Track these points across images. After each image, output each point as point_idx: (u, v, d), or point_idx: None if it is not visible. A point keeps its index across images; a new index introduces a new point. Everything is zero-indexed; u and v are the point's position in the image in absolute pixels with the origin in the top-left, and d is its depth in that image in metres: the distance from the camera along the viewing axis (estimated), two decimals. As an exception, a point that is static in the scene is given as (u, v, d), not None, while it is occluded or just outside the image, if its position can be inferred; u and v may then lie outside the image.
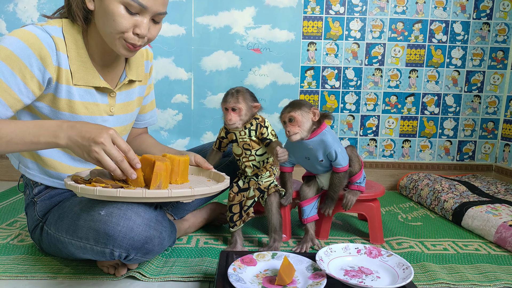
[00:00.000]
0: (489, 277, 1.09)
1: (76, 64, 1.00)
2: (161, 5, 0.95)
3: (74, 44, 1.00)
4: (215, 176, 1.13)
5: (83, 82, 1.02)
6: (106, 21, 0.94)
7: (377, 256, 0.98)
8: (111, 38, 0.96)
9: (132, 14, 0.93)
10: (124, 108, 1.15)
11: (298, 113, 1.18)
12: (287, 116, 1.18)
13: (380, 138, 2.13)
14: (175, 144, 2.09)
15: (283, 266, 0.88)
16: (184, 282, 1.03)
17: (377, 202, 1.36)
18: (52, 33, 0.96)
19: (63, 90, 1.00)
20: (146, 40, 0.99)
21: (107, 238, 0.88)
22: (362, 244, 1.02)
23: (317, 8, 2.00)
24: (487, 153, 2.16)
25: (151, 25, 0.98)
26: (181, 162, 1.02)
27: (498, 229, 1.34)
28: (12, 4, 1.93)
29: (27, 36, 0.92)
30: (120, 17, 0.92)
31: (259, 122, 1.21)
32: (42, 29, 0.96)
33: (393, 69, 2.07)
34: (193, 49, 2.01)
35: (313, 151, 1.22)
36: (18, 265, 1.08)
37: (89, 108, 1.05)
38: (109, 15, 0.92)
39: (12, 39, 0.92)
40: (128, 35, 0.95)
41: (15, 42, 0.91)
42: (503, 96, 2.11)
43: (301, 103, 1.20)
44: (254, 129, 1.20)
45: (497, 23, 2.04)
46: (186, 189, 0.89)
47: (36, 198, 1.11)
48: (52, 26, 0.98)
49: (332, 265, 0.95)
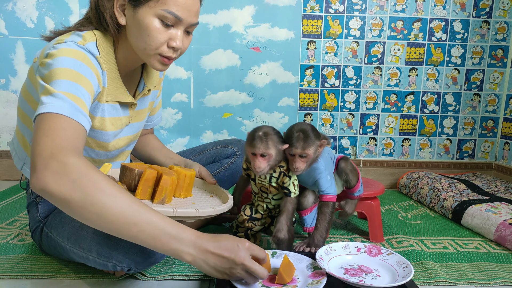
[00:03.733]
0: (489, 275, 1.09)
1: (108, 80, 0.96)
2: (195, 16, 0.93)
3: (107, 60, 0.95)
4: (218, 191, 1.14)
5: (111, 98, 0.98)
6: (140, 36, 0.91)
7: (377, 254, 0.98)
8: (145, 53, 0.93)
9: (167, 27, 0.91)
10: (139, 116, 1.13)
11: (311, 150, 1.07)
12: (300, 153, 1.07)
13: (379, 136, 2.13)
14: (174, 143, 2.09)
15: (283, 265, 0.88)
16: (184, 281, 1.03)
17: (377, 201, 1.36)
18: (95, 52, 0.91)
19: (99, 108, 0.97)
20: (179, 52, 0.96)
21: (110, 253, 0.87)
22: (362, 242, 1.03)
23: (316, 7, 2.00)
24: (487, 151, 2.16)
25: (184, 37, 0.95)
26: (187, 177, 1.04)
27: (498, 227, 1.34)
28: (11, 3, 1.93)
29: (80, 55, 0.86)
30: (155, 31, 0.89)
31: (283, 171, 1.11)
32: (86, 49, 0.89)
33: (392, 68, 2.06)
34: (193, 48, 2.01)
35: (302, 176, 1.16)
36: (18, 264, 1.08)
37: (114, 124, 1.02)
38: (144, 30, 0.89)
39: (67, 59, 0.84)
40: (163, 49, 0.92)
41: (73, 62, 0.84)
42: (502, 94, 2.11)
43: (313, 136, 1.07)
44: (276, 177, 1.12)
45: (497, 21, 2.03)
46: (191, 209, 0.90)
47: (39, 199, 1.10)
48: (90, 43, 0.91)
49: (332, 263, 0.95)
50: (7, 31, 1.95)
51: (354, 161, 2.13)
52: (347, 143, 2.13)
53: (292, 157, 1.08)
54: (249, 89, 2.06)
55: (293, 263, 0.93)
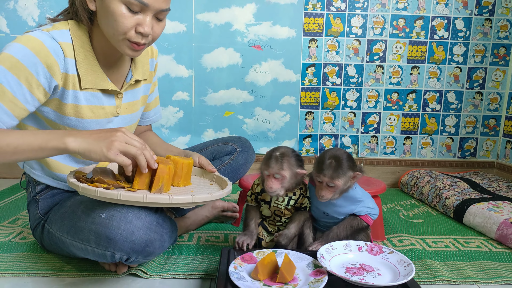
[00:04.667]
0: (491, 274, 1.09)
1: (84, 67, 0.99)
2: (163, 2, 0.93)
3: (82, 47, 0.98)
4: (218, 179, 1.13)
5: (91, 85, 1.01)
6: (108, 22, 0.92)
7: (378, 253, 0.98)
8: (115, 39, 0.95)
9: (134, 13, 0.91)
10: (130, 108, 1.14)
11: (341, 181, 0.98)
12: (328, 182, 0.99)
13: (381, 135, 2.13)
14: (176, 142, 2.09)
15: (284, 263, 0.87)
16: (186, 279, 1.04)
17: (378, 199, 1.36)
18: (59, 39, 0.94)
19: (69, 95, 0.99)
20: (151, 39, 0.97)
21: (108, 241, 0.88)
22: (363, 241, 1.02)
23: (318, 5, 1.99)
24: (489, 150, 2.16)
25: (154, 23, 0.96)
26: (185, 165, 1.03)
27: (500, 226, 1.34)
28: (12, 2, 1.93)
29: (34, 43, 0.90)
30: (121, 16, 0.90)
31: (303, 193, 1.06)
32: (49, 35, 0.93)
33: (394, 66, 2.06)
34: (194, 46, 2.01)
35: (336, 207, 1.05)
36: (20, 262, 1.08)
37: (95, 112, 1.04)
38: (111, 15, 0.91)
39: (18, 46, 0.90)
40: (131, 34, 0.93)
41: (21, 50, 0.89)
42: (505, 93, 2.10)
43: (346, 167, 0.98)
44: (295, 199, 1.06)
45: (499, 20, 2.03)
46: (187, 195, 0.89)
47: (38, 196, 1.11)
48: (59, 31, 0.95)
49: (333, 262, 0.95)
50: (8, 30, 1.95)
51: (356, 160, 2.12)
52: (349, 142, 2.13)
53: (319, 183, 1.01)
54: (250, 87, 2.06)
55: (294, 261, 0.93)
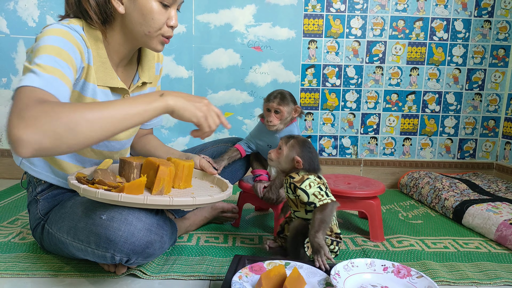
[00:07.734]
0: (490, 275, 1.09)
1: (97, 63, 0.99)
2: None
3: (95, 44, 0.99)
4: (219, 182, 1.13)
5: (101, 82, 1.01)
6: (144, 21, 0.96)
7: (405, 276, 0.88)
8: (149, 36, 0.98)
9: (166, 8, 0.97)
10: None
11: (285, 108, 1.26)
12: (275, 108, 1.26)
13: (380, 136, 2.13)
14: (175, 142, 2.09)
15: (291, 278, 0.81)
16: (185, 280, 1.04)
17: (378, 200, 1.36)
18: (80, 31, 0.95)
19: (89, 88, 0.99)
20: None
21: (108, 243, 0.88)
22: (390, 261, 0.92)
23: (317, 6, 2.00)
24: (488, 151, 2.16)
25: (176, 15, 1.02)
26: (185, 167, 1.03)
27: (499, 227, 1.34)
28: (12, 2, 1.93)
29: (63, 33, 0.90)
30: (158, 13, 0.96)
31: (293, 182, 1.03)
32: (70, 27, 0.93)
33: (394, 67, 2.06)
34: (194, 47, 2.01)
35: (277, 140, 1.25)
36: (19, 263, 1.08)
37: None
38: (148, 14, 0.95)
39: (52, 37, 0.87)
40: (165, 29, 0.99)
41: (56, 39, 0.87)
42: (504, 94, 2.10)
43: (289, 98, 1.28)
44: (291, 189, 1.05)
45: (499, 21, 2.03)
46: (188, 197, 0.90)
47: (39, 196, 1.11)
48: (75, 25, 0.95)
49: (350, 281, 0.85)
50: (8, 30, 1.95)
51: (355, 161, 2.13)
52: (348, 143, 2.13)
53: (268, 112, 1.27)
54: (250, 88, 2.06)
55: (305, 276, 0.85)
